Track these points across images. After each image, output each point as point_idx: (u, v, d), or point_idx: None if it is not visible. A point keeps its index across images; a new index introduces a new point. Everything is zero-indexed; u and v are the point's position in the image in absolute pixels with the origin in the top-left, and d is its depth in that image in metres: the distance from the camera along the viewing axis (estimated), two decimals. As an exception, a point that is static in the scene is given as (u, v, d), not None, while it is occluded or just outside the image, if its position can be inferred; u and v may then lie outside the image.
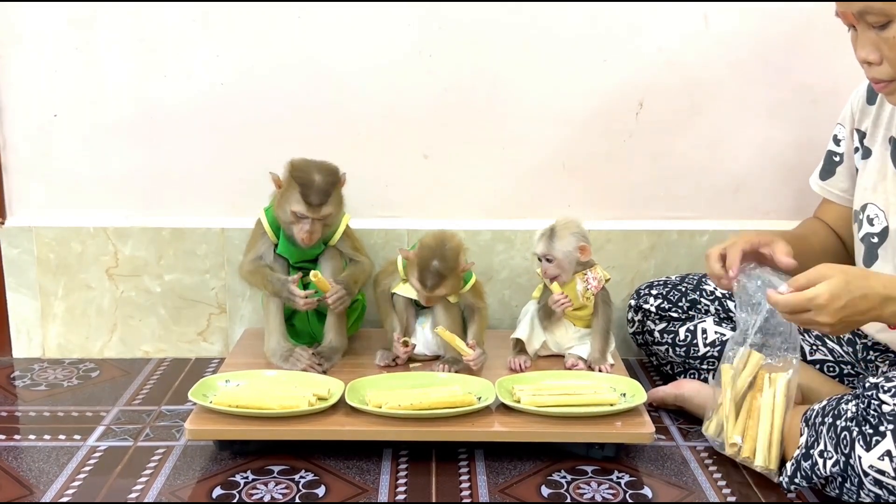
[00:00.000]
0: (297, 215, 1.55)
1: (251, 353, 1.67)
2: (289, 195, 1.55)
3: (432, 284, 1.53)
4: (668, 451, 1.46)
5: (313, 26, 1.75)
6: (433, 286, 1.53)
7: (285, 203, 1.56)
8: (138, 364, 1.82)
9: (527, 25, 1.75)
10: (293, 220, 1.56)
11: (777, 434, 1.32)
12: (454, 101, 1.80)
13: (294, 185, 1.55)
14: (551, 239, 1.59)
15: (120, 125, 1.79)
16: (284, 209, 1.56)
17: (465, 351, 1.54)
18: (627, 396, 1.47)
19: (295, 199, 1.54)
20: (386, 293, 1.63)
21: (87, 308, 1.84)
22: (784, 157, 1.83)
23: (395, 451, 1.44)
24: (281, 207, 1.57)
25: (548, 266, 1.60)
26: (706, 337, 1.62)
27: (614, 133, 1.82)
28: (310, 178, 1.54)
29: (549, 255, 1.59)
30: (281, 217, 1.58)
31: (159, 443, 1.47)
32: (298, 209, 1.54)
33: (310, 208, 1.54)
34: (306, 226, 1.55)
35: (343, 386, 1.46)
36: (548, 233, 1.60)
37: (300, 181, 1.54)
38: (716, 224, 1.85)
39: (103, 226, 1.81)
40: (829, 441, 1.24)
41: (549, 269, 1.60)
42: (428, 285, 1.53)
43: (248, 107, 1.78)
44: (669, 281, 1.71)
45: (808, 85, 1.79)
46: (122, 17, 1.74)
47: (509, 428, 1.40)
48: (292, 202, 1.54)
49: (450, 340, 1.55)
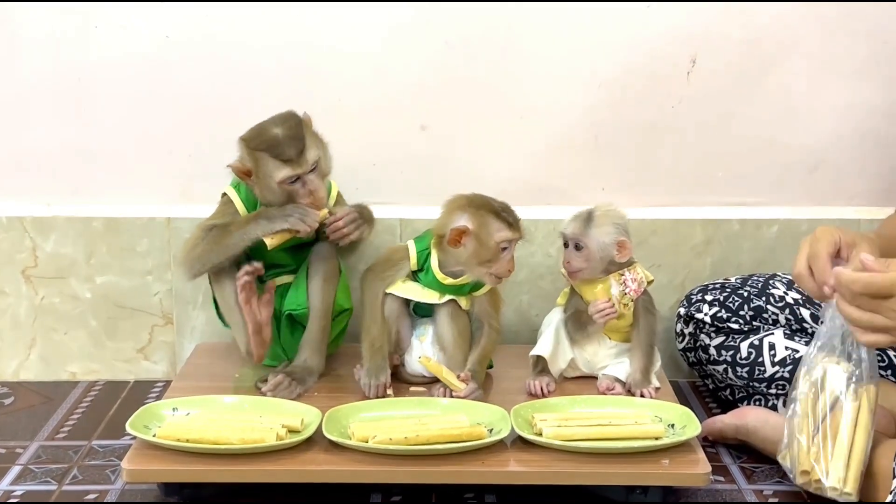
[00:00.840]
0: (287, 182, 1.57)
1: (205, 375, 1.69)
2: (264, 172, 1.57)
3: (516, 218, 1.56)
4: (727, 495, 1.48)
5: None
6: (517, 219, 1.56)
7: (266, 182, 1.58)
8: (63, 388, 1.83)
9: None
10: (287, 192, 1.58)
11: (859, 454, 1.34)
12: (458, 59, 1.81)
13: (261, 156, 1.57)
14: (588, 222, 1.60)
15: (38, 91, 1.80)
16: (271, 189, 1.58)
17: (456, 385, 1.57)
18: (676, 428, 1.49)
19: (273, 167, 1.56)
20: (378, 293, 1.64)
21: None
22: (873, 126, 1.85)
23: (385, 495, 1.46)
24: (266, 191, 1.59)
25: (573, 255, 1.61)
26: (774, 354, 1.63)
27: (660, 98, 1.83)
28: (271, 136, 1.57)
29: (579, 241, 1.60)
30: (269, 202, 1.60)
31: (90, 486, 1.48)
32: (283, 174, 1.56)
33: (293, 164, 1.56)
34: (305, 186, 1.58)
35: (320, 415, 1.47)
36: (584, 215, 1.62)
37: (264, 146, 1.57)
38: (787, 211, 1.87)
39: (19, 215, 1.83)
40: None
41: (573, 260, 1.61)
42: (512, 220, 1.56)
43: (201, 66, 1.80)
44: (728, 284, 1.73)
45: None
46: (42, -46, 1.76)
47: (528, 467, 1.41)
48: (273, 173, 1.57)
49: (436, 373, 1.58)
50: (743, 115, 1.84)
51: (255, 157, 1.59)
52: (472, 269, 1.58)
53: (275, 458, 1.40)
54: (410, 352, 1.66)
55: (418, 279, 1.63)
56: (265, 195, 1.61)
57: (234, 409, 1.52)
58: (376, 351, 1.61)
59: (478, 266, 1.57)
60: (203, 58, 1.79)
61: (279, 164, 1.57)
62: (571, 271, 1.63)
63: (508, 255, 1.57)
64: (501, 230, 1.55)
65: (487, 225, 1.55)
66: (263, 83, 1.79)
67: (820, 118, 1.85)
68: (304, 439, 1.43)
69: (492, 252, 1.56)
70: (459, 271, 1.60)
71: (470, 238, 1.55)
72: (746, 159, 1.86)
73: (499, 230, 1.55)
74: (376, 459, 1.40)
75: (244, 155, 1.60)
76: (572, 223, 1.62)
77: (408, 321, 1.68)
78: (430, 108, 1.83)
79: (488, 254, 1.56)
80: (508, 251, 1.57)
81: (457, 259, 1.58)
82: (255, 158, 1.59)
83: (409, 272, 1.63)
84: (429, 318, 1.67)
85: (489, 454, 1.42)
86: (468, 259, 1.57)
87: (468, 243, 1.55)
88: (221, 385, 1.64)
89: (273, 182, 1.58)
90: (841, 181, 1.87)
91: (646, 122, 1.84)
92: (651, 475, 1.40)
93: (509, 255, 1.57)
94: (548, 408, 1.53)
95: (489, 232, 1.55)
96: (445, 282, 1.61)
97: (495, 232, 1.55)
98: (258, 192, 1.62)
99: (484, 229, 1.55)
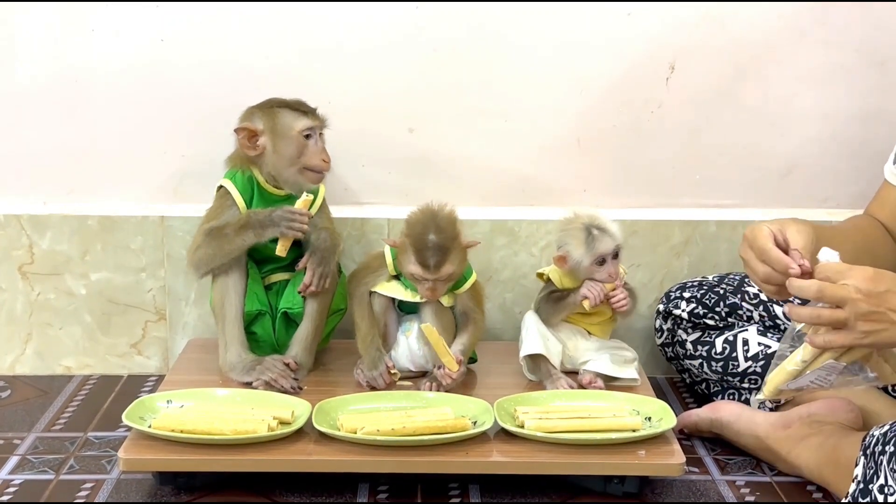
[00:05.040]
0: (304, 134, 1.63)
1: (197, 369, 1.72)
2: (282, 125, 1.63)
3: (436, 262, 1.56)
4: (701, 486, 1.52)
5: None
6: (437, 263, 1.56)
7: (283, 134, 1.62)
8: (58, 382, 1.86)
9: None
10: (298, 149, 1.63)
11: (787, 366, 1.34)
12: (446, 63, 1.85)
13: (279, 111, 1.64)
14: (604, 230, 1.62)
15: (35, 91, 1.83)
16: (287, 141, 1.63)
17: (452, 364, 1.59)
18: (653, 421, 1.52)
19: (292, 119, 1.64)
20: (364, 294, 1.68)
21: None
22: (845, 132, 1.89)
23: (372, 485, 1.49)
24: (280, 147, 1.63)
25: (612, 267, 1.63)
26: (748, 349, 1.67)
27: (640, 103, 1.87)
28: (283, 99, 1.65)
29: (619, 247, 1.63)
30: (279, 160, 1.64)
31: (86, 476, 1.52)
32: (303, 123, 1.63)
33: (312, 116, 1.65)
34: (318, 144, 1.64)
35: (310, 407, 1.50)
36: (596, 226, 1.62)
37: (283, 104, 1.65)
38: (762, 213, 1.90)
39: (15, 213, 1.86)
40: (891, 474, 1.30)
41: (612, 271, 1.63)
42: (431, 264, 1.56)
43: (194, 69, 1.83)
44: (706, 282, 1.77)
45: (874, 44, 1.85)
46: (40, -41, 1.78)
47: (511, 458, 1.45)
48: (292, 123, 1.63)
49: (435, 344, 1.59)
50: (720, 121, 1.88)
51: (271, 114, 1.64)
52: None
53: (266, 448, 1.44)
54: (397, 348, 1.69)
55: (400, 280, 1.67)
56: (277, 153, 1.64)
57: (227, 402, 1.56)
58: (370, 344, 1.65)
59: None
60: (196, 61, 1.82)
61: (299, 115, 1.64)
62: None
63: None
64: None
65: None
66: (255, 85, 1.79)
67: (794, 124, 1.89)
68: (294, 430, 1.46)
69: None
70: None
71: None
72: (723, 163, 1.90)
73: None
74: (364, 450, 1.43)
75: (254, 118, 1.64)
76: (603, 239, 1.61)
77: (394, 317, 1.71)
78: (418, 111, 1.86)
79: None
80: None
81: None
82: (271, 115, 1.64)
83: (388, 276, 1.67)
84: (414, 315, 1.71)
85: (473, 445, 1.46)
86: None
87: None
88: (214, 379, 1.67)
89: (293, 132, 1.62)
90: (814, 185, 1.91)
91: (627, 125, 1.88)
92: (628, 465, 1.44)
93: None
94: (529, 401, 1.57)
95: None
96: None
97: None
98: (265, 158, 1.64)
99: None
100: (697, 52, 1.85)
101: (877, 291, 1.26)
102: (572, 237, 1.63)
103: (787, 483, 1.52)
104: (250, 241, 1.64)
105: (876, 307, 1.26)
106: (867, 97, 1.87)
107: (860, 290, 1.26)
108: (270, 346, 1.71)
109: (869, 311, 1.26)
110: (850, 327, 1.27)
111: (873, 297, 1.26)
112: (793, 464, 1.51)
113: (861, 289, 1.26)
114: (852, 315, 1.26)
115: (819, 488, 1.49)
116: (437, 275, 1.58)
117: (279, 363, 1.64)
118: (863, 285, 1.26)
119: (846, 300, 1.26)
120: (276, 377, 1.62)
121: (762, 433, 1.54)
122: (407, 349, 1.69)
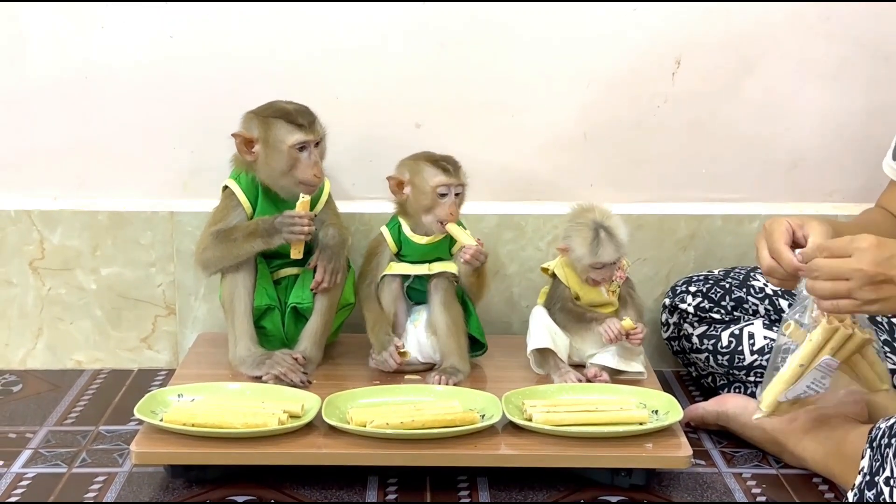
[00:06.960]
0: (296, 148, 1.62)
1: (207, 363, 1.73)
2: (275, 137, 1.62)
3: (455, 164, 1.66)
4: (707, 478, 1.53)
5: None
6: (457, 166, 1.67)
7: (275, 147, 1.62)
8: (69, 376, 1.88)
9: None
10: (290, 163, 1.62)
11: (784, 376, 1.39)
12: (453, 58, 1.86)
13: (274, 122, 1.63)
14: (612, 235, 1.63)
15: (45, 87, 1.84)
16: (278, 154, 1.62)
17: (470, 240, 1.63)
18: (660, 414, 1.54)
19: (285, 132, 1.62)
20: (369, 288, 1.71)
21: (6, 309, 1.89)
22: (850, 125, 1.90)
23: (382, 478, 1.50)
24: (272, 159, 1.63)
25: (611, 271, 1.66)
26: (754, 343, 1.68)
27: (646, 97, 1.88)
28: (283, 106, 1.64)
29: (623, 252, 1.65)
30: (271, 171, 1.64)
31: (99, 469, 1.53)
32: (295, 138, 1.62)
33: (305, 130, 1.63)
34: (311, 157, 1.63)
35: (319, 401, 1.52)
36: (605, 227, 1.63)
37: (279, 114, 1.63)
38: (768, 207, 1.91)
39: (26, 209, 1.87)
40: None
41: (610, 275, 1.66)
42: (452, 168, 1.66)
43: (203, 65, 1.84)
44: (711, 276, 1.78)
45: (879, 39, 1.86)
46: (49, -44, 1.79)
47: (519, 451, 1.46)
48: (284, 137, 1.62)
49: (456, 234, 1.65)
50: (725, 115, 1.89)
51: (266, 123, 1.63)
52: (419, 216, 1.68)
53: (276, 441, 1.45)
54: (405, 337, 1.71)
55: (403, 259, 1.70)
56: (269, 164, 1.64)
57: (238, 396, 1.57)
58: (379, 330, 1.68)
59: (423, 214, 1.67)
60: (205, 57, 1.83)
61: (292, 129, 1.62)
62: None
63: (448, 201, 1.66)
64: (436, 175, 1.65)
65: (422, 172, 1.65)
66: (263, 81, 1.82)
67: (799, 117, 1.89)
68: (304, 424, 1.48)
69: (430, 198, 1.65)
70: (430, 229, 1.69)
71: (409, 186, 1.66)
72: (729, 157, 1.91)
73: (433, 176, 1.65)
74: (373, 443, 1.45)
75: (251, 125, 1.64)
76: (607, 245, 1.62)
77: (404, 307, 1.73)
78: (425, 106, 1.87)
79: (427, 200, 1.65)
80: (448, 196, 1.65)
81: (409, 210, 1.69)
82: (265, 125, 1.63)
83: (391, 256, 1.70)
84: (424, 305, 1.72)
85: (481, 438, 1.47)
86: (415, 208, 1.68)
87: (409, 192, 1.67)
88: (223, 373, 1.68)
89: (284, 146, 1.62)
90: (819, 178, 1.92)
91: (632, 120, 1.89)
92: (635, 458, 1.45)
93: (449, 200, 1.66)
94: (537, 394, 1.58)
95: (424, 178, 1.65)
96: (422, 241, 1.69)
97: (430, 178, 1.64)
98: (259, 166, 1.65)
99: (419, 176, 1.65)
100: (703, 47, 1.85)
101: (883, 258, 1.30)
102: (578, 234, 1.64)
103: (793, 475, 1.53)
104: (259, 248, 1.65)
105: (885, 270, 1.30)
106: (873, 91, 1.88)
107: (864, 260, 1.31)
108: (280, 341, 1.72)
109: (875, 274, 1.30)
110: (856, 295, 1.31)
111: (881, 264, 1.30)
112: (799, 456, 1.52)
113: (866, 258, 1.31)
114: (857, 284, 1.31)
115: (825, 480, 1.50)
116: (459, 178, 1.66)
117: (288, 357, 1.65)
118: (868, 255, 1.30)
119: (854, 273, 1.30)
120: (286, 371, 1.63)
121: (768, 426, 1.55)
122: (416, 340, 1.70)
